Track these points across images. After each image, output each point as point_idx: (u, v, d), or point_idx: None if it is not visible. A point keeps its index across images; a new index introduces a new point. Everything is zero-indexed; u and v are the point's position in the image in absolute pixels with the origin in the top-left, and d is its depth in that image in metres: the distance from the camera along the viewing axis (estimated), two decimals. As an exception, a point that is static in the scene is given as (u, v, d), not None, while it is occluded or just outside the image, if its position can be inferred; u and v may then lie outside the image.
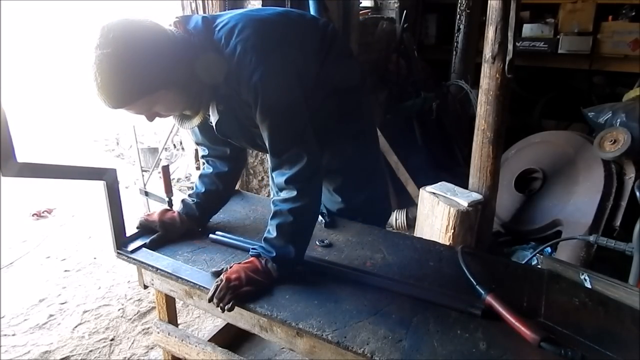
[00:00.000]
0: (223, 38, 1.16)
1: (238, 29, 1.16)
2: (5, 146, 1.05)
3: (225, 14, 1.25)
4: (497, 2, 1.84)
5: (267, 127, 1.20)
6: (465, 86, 3.60)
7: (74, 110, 5.04)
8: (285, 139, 1.21)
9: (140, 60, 1.01)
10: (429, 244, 1.50)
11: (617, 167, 2.33)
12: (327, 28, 1.44)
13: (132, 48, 1.00)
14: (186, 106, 1.21)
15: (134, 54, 1.00)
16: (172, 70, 1.08)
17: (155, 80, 1.05)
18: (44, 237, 2.92)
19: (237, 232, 1.50)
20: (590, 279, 1.26)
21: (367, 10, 3.82)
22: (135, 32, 1.03)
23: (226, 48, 1.15)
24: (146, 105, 1.10)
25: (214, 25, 1.19)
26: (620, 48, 3.79)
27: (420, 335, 1.06)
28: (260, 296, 1.19)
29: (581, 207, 2.30)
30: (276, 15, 1.31)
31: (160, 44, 1.06)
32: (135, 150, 2.98)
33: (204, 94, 1.21)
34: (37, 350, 1.97)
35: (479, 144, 2.08)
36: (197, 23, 1.18)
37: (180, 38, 1.12)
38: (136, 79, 1.02)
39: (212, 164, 1.54)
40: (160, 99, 1.10)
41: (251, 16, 1.23)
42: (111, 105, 1.04)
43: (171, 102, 1.14)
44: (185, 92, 1.15)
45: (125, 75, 1.00)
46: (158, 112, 1.15)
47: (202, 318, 2.20)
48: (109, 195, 1.36)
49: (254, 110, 1.19)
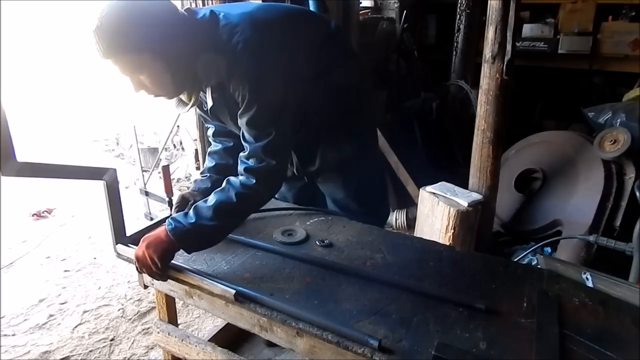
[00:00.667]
0: (225, 34, 1.20)
1: (241, 27, 1.20)
2: (5, 146, 1.06)
3: (233, 10, 1.28)
4: (497, 2, 1.84)
5: (246, 127, 1.26)
6: (465, 86, 3.60)
7: (74, 110, 5.04)
8: (258, 145, 1.25)
9: (139, 17, 1.09)
10: (429, 244, 1.50)
11: (617, 167, 2.32)
12: (330, 26, 1.45)
13: (136, 5, 1.10)
14: (174, 87, 1.24)
15: (135, 10, 1.09)
16: (165, 41, 1.14)
17: (145, 41, 1.11)
18: (44, 237, 2.92)
19: (237, 230, 1.50)
20: (593, 278, 1.26)
21: (367, 10, 3.82)
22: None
23: (226, 44, 1.19)
24: (130, 65, 1.15)
25: (219, 19, 1.23)
26: (620, 48, 3.79)
27: (420, 335, 1.06)
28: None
29: (581, 207, 2.30)
30: (280, 18, 1.33)
31: (163, 14, 1.14)
32: (135, 150, 2.98)
33: (195, 80, 1.25)
34: (37, 350, 1.97)
35: (479, 144, 2.08)
36: (205, 15, 1.24)
37: (186, 22, 1.19)
38: (128, 32, 1.08)
39: (219, 141, 1.58)
40: (146, 64, 1.15)
41: (256, 18, 1.26)
42: (100, 51, 1.10)
43: (156, 73, 1.18)
44: (172, 69, 1.19)
45: (120, 24, 1.08)
46: (143, 82, 1.19)
47: (202, 318, 2.20)
48: (109, 195, 1.36)
49: (239, 107, 1.24)
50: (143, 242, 1.26)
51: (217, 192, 1.28)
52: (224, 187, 1.28)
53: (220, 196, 1.26)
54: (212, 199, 1.26)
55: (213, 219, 1.24)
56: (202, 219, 1.23)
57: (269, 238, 1.46)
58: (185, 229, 1.23)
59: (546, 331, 1.06)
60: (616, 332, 1.09)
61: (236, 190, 1.25)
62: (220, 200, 1.25)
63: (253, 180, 1.25)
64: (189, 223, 1.23)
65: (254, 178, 1.25)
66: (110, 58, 1.12)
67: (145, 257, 1.24)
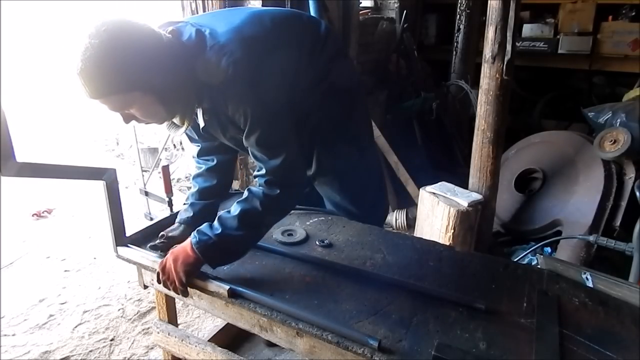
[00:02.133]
0: (214, 56, 1.14)
1: (229, 48, 1.14)
2: (5, 146, 1.06)
3: (219, 24, 1.21)
4: (497, 2, 1.85)
5: (257, 148, 1.23)
6: (465, 86, 3.60)
7: (73, 110, 5.04)
8: (273, 164, 1.23)
9: (123, 57, 1.03)
10: (429, 244, 1.50)
11: (617, 167, 2.33)
12: (320, 28, 1.42)
13: (119, 44, 1.02)
14: (167, 115, 1.21)
15: (119, 50, 1.02)
16: (153, 76, 1.09)
17: (133, 80, 1.06)
18: (44, 237, 2.92)
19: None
20: (593, 278, 1.26)
21: (367, 10, 3.82)
22: (127, 31, 1.04)
23: (216, 67, 1.14)
24: (120, 103, 1.11)
25: (206, 39, 1.17)
26: (620, 48, 3.79)
27: (420, 335, 1.06)
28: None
29: (581, 207, 2.30)
30: (269, 30, 1.26)
31: (148, 49, 1.07)
32: (135, 150, 2.98)
33: (187, 105, 1.21)
34: (37, 350, 1.97)
35: (479, 144, 2.08)
36: (191, 36, 1.17)
37: (172, 49, 1.13)
38: (115, 74, 1.03)
39: (203, 161, 1.53)
40: (136, 101, 1.10)
41: (244, 34, 1.19)
42: (87, 93, 1.06)
43: (147, 107, 1.14)
44: (164, 101, 1.14)
45: (105, 67, 1.02)
46: (134, 114, 1.15)
47: (202, 318, 2.20)
48: (109, 195, 1.36)
49: (242, 129, 1.21)
50: (171, 254, 1.25)
51: (240, 202, 1.25)
52: (247, 196, 1.25)
53: (244, 205, 1.23)
54: (236, 209, 1.23)
55: (239, 229, 1.21)
56: (227, 229, 1.21)
57: (268, 238, 1.46)
58: (211, 241, 1.20)
59: (546, 331, 1.06)
60: (616, 332, 1.09)
61: (260, 200, 1.22)
62: (245, 209, 1.22)
63: (277, 191, 1.22)
64: (215, 235, 1.21)
65: (277, 188, 1.23)
66: (98, 99, 1.08)
67: (171, 270, 1.23)
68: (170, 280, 1.25)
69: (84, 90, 1.06)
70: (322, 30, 1.43)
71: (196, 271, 1.24)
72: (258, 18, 1.27)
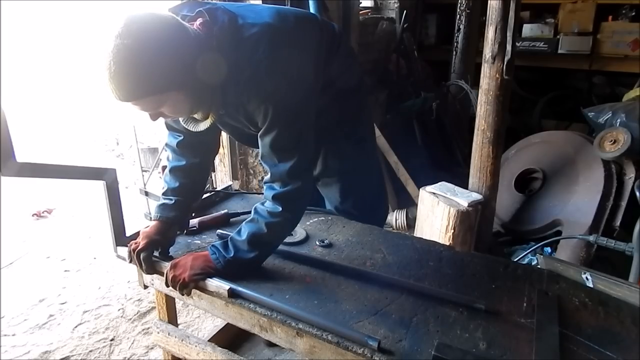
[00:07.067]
0: (248, 47, 1.12)
1: (264, 42, 1.12)
2: (5, 146, 1.06)
3: (250, 15, 1.18)
4: (497, 2, 1.84)
5: (269, 149, 1.21)
6: (465, 86, 3.60)
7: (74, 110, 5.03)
8: (281, 169, 1.22)
9: (158, 58, 0.99)
10: (429, 244, 1.50)
11: (617, 167, 2.32)
12: (334, 29, 1.43)
13: (152, 44, 0.98)
14: (191, 111, 1.19)
15: (153, 50, 0.98)
16: (187, 74, 1.05)
17: (168, 81, 1.03)
18: (44, 237, 2.92)
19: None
20: (593, 278, 1.26)
21: (367, 10, 3.82)
22: (158, 29, 1.00)
23: (249, 60, 1.12)
24: (153, 104, 1.08)
25: (241, 31, 1.13)
26: (620, 48, 3.80)
27: (420, 335, 1.06)
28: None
29: (581, 207, 2.30)
30: (294, 28, 1.25)
31: (181, 46, 1.03)
32: (135, 150, 2.97)
33: (213, 100, 1.19)
34: (37, 350, 1.97)
35: (479, 144, 2.08)
36: (224, 23, 1.13)
37: (202, 41, 1.08)
38: (150, 76, 0.99)
39: (185, 156, 1.42)
40: (169, 100, 1.08)
41: (276, 29, 1.17)
42: (119, 96, 1.01)
43: (179, 104, 1.12)
44: (195, 96, 1.13)
45: (140, 69, 0.97)
46: (163, 112, 1.13)
47: (202, 318, 2.20)
48: (109, 195, 1.36)
49: (260, 126, 1.20)
50: (190, 254, 1.29)
51: (247, 224, 1.27)
52: (253, 217, 1.27)
53: (251, 228, 1.25)
54: (245, 231, 1.25)
55: (251, 251, 1.25)
56: (239, 251, 1.25)
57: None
58: (226, 259, 1.25)
59: (546, 331, 1.06)
60: (616, 332, 1.09)
61: (265, 221, 1.24)
62: (253, 232, 1.24)
63: (280, 208, 1.23)
64: (231, 256, 1.25)
65: (280, 205, 1.23)
66: (130, 102, 1.03)
67: (187, 265, 1.25)
68: (182, 272, 1.24)
69: (115, 94, 1.01)
70: (336, 31, 1.43)
71: (205, 276, 1.25)
72: (282, 15, 1.25)
